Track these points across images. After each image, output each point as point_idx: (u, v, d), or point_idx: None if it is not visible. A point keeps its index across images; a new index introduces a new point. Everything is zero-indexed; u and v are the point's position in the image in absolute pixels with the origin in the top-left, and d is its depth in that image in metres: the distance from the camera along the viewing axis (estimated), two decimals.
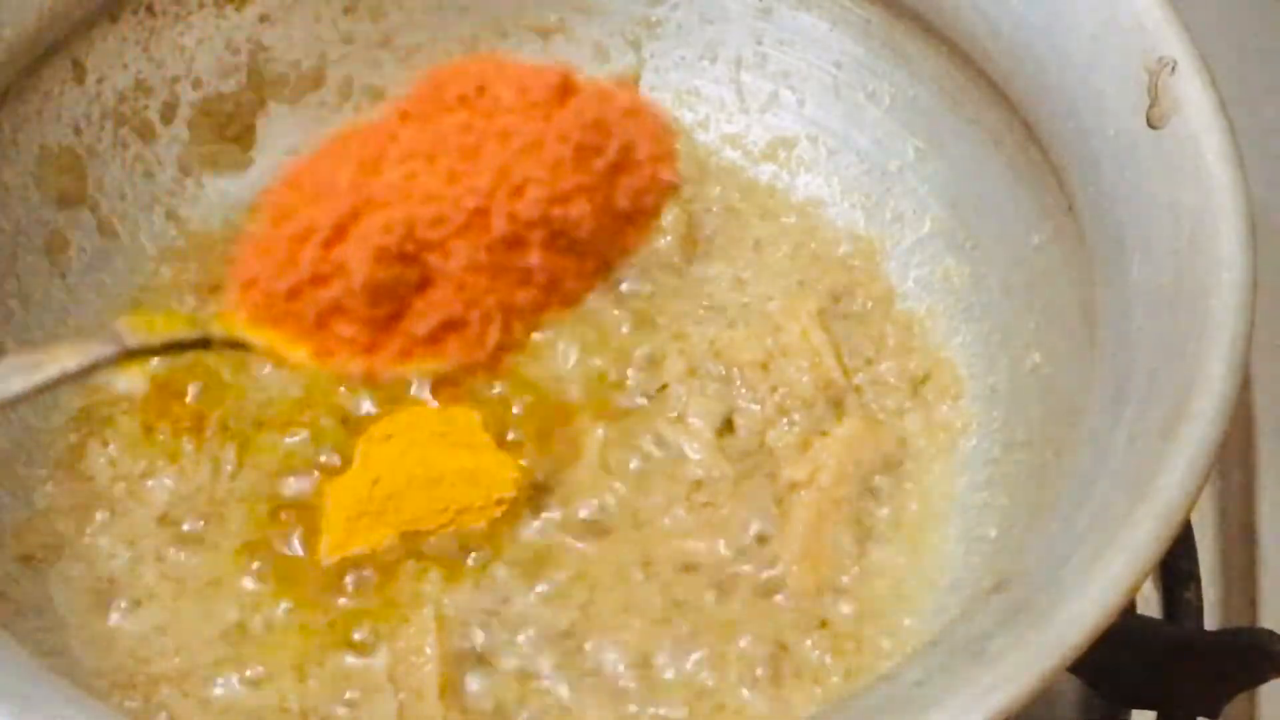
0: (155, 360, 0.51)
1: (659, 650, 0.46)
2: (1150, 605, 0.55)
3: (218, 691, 0.46)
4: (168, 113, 0.56)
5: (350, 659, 0.46)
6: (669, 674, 0.46)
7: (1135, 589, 0.37)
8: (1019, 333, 0.50)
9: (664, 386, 0.51)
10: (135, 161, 0.55)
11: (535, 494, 0.49)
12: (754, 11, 0.57)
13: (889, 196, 0.55)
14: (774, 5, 0.56)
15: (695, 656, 0.46)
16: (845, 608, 0.47)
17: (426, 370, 0.38)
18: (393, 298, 0.37)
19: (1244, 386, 0.42)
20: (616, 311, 0.53)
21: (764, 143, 0.57)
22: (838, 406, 0.51)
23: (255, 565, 0.48)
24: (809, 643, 0.46)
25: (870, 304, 0.53)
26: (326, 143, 0.40)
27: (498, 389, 0.51)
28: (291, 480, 0.50)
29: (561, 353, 0.52)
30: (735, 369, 0.51)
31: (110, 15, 0.54)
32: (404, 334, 0.38)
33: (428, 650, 0.45)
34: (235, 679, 0.46)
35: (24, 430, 0.50)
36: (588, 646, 0.46)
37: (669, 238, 0.54)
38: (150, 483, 0.50)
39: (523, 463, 0.49)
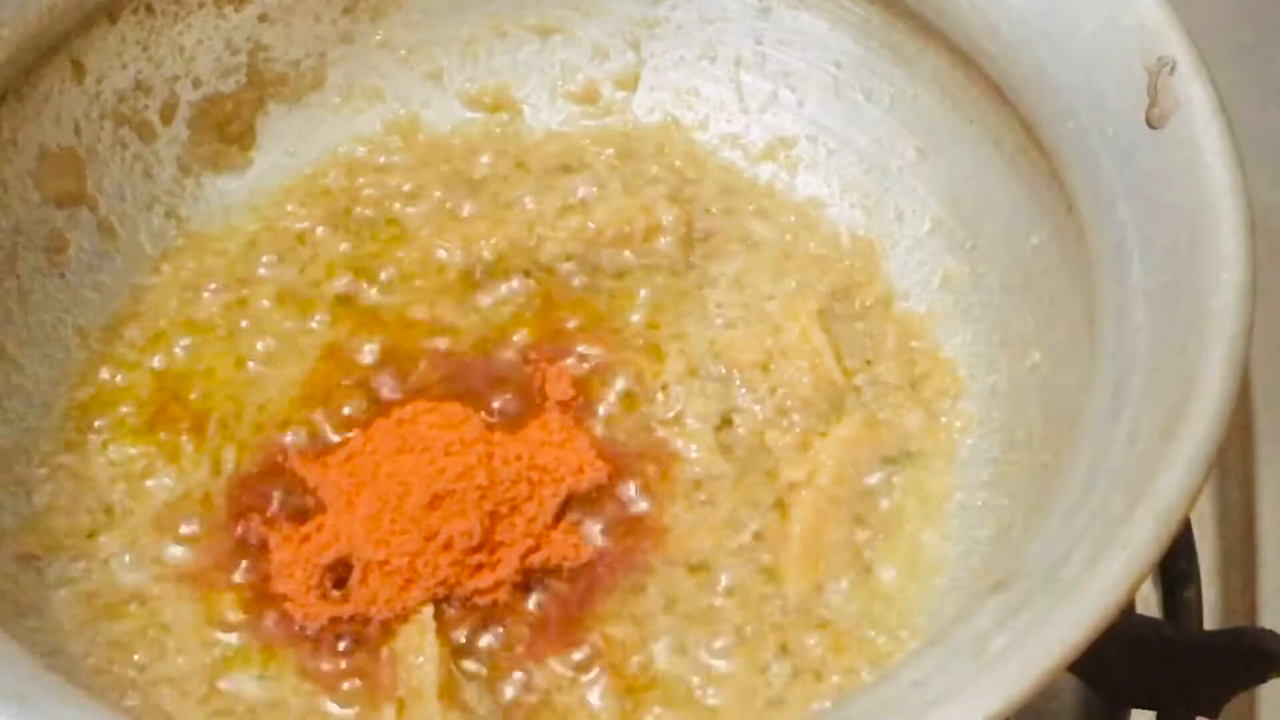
0: (155, 360, 0.52)
1: (657, 649, 0.46)
2: (1150, 605, 0.55)
3: (217, 691, 0.46)
4: (168, 113, 0.56)
5: (350, 659, 0.46)
6: (667, 674, 0.46)
7: (1135, 589, 0.37)
8: (1019, 332, 0.50)
9: (664, 386, 0.51)
10: (135, 161, 0.55)
11: None
12: (753, 11, 0.57)
13: (889, 196, 0.55)
14: (773, 5, 0.56)
15: (694, 656, 0.46)
16: (845, 608, 0.47)
17: None
18: None
19: (1244, 386, 0.42)
20: (616, 311, 0.53)
21: (763, 142, 0.57)
22: (837, 406, 0.51)
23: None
24: (809, 642, 0.46)
25: (870, 304, 0.53)
26: None
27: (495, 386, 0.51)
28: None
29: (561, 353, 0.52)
30: (735, 369, 0.51)
31: (110, 15, 0.54)
32: None
33: (428, 650, 0.45)
34: (235, 679, 0.46)
35: (24, 430, 0.50)
36: (586, 646, 0.46)
37: (669, 238, 0.54)
38: (150, 482, 0.50)
39: None
